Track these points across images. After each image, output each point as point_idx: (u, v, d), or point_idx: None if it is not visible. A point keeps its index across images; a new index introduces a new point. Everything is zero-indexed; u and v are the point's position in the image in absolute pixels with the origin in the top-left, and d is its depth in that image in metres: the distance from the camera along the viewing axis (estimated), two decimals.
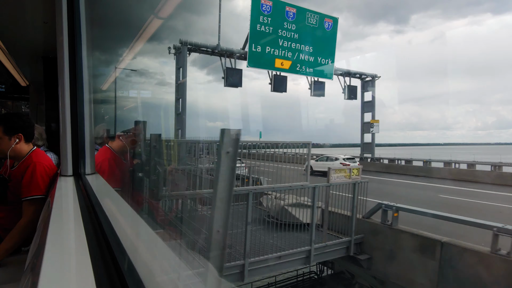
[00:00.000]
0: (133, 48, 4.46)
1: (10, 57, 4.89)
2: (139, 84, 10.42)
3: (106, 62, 5.30)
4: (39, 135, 2.96)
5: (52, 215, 0.98)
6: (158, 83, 18.20)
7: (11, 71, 5.94)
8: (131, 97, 8.45)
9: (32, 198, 2.00)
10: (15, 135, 2.07)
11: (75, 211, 1.02)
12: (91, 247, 0.68)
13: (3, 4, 2.85)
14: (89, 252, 0.65)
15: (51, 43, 3.62)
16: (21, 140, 2.10)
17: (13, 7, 2.89)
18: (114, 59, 5.81)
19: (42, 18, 3.03)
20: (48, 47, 3.88)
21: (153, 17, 3.30)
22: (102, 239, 0.81)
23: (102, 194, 1.30)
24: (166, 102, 15.83)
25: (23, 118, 2.20)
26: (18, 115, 2.29)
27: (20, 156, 2.12)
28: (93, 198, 1.24)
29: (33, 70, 5.39)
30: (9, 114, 2.61)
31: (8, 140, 2.05)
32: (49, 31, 3.24)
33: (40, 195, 2.02)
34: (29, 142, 2.18)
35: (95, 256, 0.64)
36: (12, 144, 2.06)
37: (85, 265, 0.59)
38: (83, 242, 0.71)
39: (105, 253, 0.73)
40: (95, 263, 0.60)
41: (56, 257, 0.67)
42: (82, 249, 0.67)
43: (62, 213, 1.08)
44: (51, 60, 4.19)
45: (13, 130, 2.07)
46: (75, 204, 1.13)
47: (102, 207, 1.04)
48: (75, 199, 1.23)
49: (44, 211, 1.82)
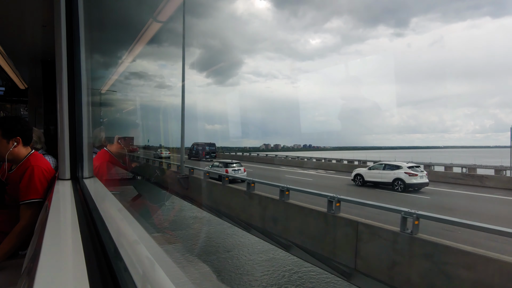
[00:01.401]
0: (132, 51, 4.47)
1: (9, 60, 4.90)
2: (138, 87, 10.43)
3: (105, 65, 5.30)
4: (37, 139, 2.95)
5: (49, 219, 0.98)
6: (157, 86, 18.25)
7: (10, 74, 5.95)
8: (131, 100, 8.46)
9: (29, 201, 1.99)
10: (13, 138, 2.07)
11: (72, 215, 1.02)
12: (87, 252, 0.68)
13: (2, 8, 2.86)
14: (85, 257, 0.65)
15: (49, 47, 3.63)
16: (19, 143, 2.09)
17: (12, 11, 2.90)
18: (113, 62, 5.82)
19: (41, 22, 3.04)
20: (46, 51, 3.89)
21: (152, 20, 3.31)
22: (98, 244, 0.81)
23: (100, 198, 1.30)
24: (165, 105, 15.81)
25: (21, 121, 2.19)
26: (17, 118, 2.29)
27: (18, 160, 2.12)
28: (90, 202, 1.24)
29: (32, 74, 5.40)
30: (8, 117, 2.61)
31: (6, 143, 2.05)
32: (47, 35, 3.25)
33: (38, 198, 2.01)
34: (27, 146, 2.18)
35: (91, 261, 0.64)
36: (10, 147, 2.05)
37: (80, 270, 0.59)
38: (79, 246, 0.71)
39: (100, 258, 0.72)
40: (90, 267, 0.60)
41: (51, 261, 0.66)
42: (77, 253, 0.67)
43: (59, 217, 1.08)
44: (50, 63, 4.20)
45: (11, 133, 2.07)
46: (72, 208, 1.13)
47: (99, 211, 1.04)
48: (72, 203, 1.23)
49: (41, 215, 1.81)
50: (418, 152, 48.58)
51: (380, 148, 64.57)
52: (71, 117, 1.79)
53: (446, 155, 29.11)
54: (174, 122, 17.21)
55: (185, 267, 1.29)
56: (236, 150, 41.13)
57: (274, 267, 10.12)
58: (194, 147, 31.75)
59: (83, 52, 1.82)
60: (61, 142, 1.79)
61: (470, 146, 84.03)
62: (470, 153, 40.17)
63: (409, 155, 25.81)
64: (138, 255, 0.66)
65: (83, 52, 1.82)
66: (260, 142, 59.26)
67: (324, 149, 49.44)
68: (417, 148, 75.29)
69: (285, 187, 8.68)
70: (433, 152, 53.60)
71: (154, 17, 3.22)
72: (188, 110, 17.00)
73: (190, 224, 13.22)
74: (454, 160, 20.70)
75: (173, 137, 16.58)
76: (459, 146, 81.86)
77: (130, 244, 0.71)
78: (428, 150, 69.91)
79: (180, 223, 12.09)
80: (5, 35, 3.56)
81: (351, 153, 33.37)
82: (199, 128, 30.49)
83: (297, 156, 29.80)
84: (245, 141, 34.26)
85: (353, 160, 23.66)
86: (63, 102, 1.76)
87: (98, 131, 3.19)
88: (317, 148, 54.51)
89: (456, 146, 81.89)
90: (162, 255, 0.72)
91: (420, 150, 67.74)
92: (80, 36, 1.81)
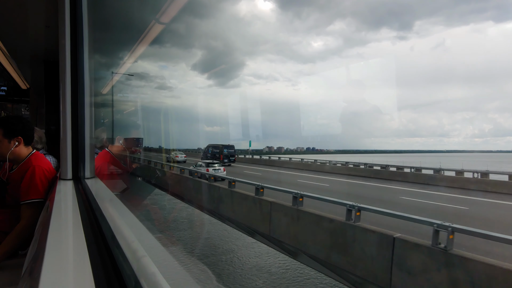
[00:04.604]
0: (135, 51, 4.48)
1: (12, 60, 4.91)
2: (140, 88, 10.48)
3: (108, 66, 5.32)
4: (38, 139, 2.96)
5: (51, 219, 0.97)
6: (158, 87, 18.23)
7: (12, 74, 5.96)
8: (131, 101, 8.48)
9: (30, 201, 1.99)
10: (15, 138, 2.07)
11: (75, 215, 1.02)
12: (91, 252, 0.68)
13: (6, 8, 2.87)
14: (89, 257, 0.64)
15: (52, 47, 3.64)
16: (21, 143, 2.09)
17: (16, 12, 2.91)
18: (115, 63, 5.83)
19: (44, 22, 3.06)
20: (49, 51, 3.90)
21: (154, 22, 3.32)
22: (102, 243, 0.81)
23: (102, 198, 1.29)
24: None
25: (23, 121, 2.20)
26: (18, 118, 2.29)
27: (19, 159, 2.12)
28: (93, 202, 1.23)
29: (34, 74, 5.41)
30: (9, 117, 2.61)
31: (8, 142, 2.05)
32: (50, 35, 3.26)
33: (39, 198, 2.01)
34: (29, 145, 2.18)
35: (95, 261, 0.64)
36: (11, 147, 2.05)
37: (85, 270, 0.59)
38: (83, 246, 0.71)
39: (105, 258, 0.72)
40: (95, 267, 0.60)
41: (55, 261, 0.66)
42: (81, 253, 0.67)
43: (61, 217, 1.08)
44: (52, 64, 4.21)
45: (13, 133, 2.07)
46: (75, 208, 1.13)
47: (102, 211, 1.04)
48: (74, 203, 1.23)
49: (43, 215, 1.81)
50: (426, 156, 48.31)
51: (380, 151, 64.55)
52: (74, 117, 1.80)
53: (456, 160, 28.51)
54: (186, 123, 17.23)
55: (188, 266, 1.29)
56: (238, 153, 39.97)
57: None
58: (209, 149, 27.76)
59: (87, 52, 1.83)
60: (63, 142, 1.79)
61: (470, 151, 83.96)
62: (475, 158, 39.90)
63: (412, 159, 25.25)
64: (143, 255, 0.66)
65: (86, 53, 1.83)
66: (262, 144, 59.05)
67: (328, 152, 49.26)
68: (417, 152, 75.32)
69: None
70: (440, 156, 53.36)
71: (157, 19, 3.23)
72: (196, 112, 16.99)
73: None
74: (467, 165, 19.86)
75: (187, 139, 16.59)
76: (459, 151, 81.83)
77: (134, 245, 0.71)
78: (428, 154, 69.87)
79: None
80: (9, 35, 3.57)
81: (355, 156, 33.08)
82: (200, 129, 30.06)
83: (314, 160, 26.19)
84: (247, 144, 34.10)
85: (382, 165, 21.33)
86: (66, 102, 1.77)
87: (100, 132, 3.20)
88: (320, 151, 54.36)
89: (457, 151, 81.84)
90: (166, 255, 0.72)
91: (420, 154, 67.67)
92: (84, 37, 1.82)
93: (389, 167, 21.06)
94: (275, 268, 1.40)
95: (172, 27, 16.75)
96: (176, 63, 60.92)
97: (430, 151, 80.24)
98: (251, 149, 35.93)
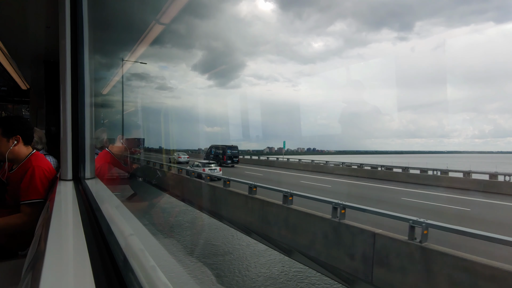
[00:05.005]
0: (135, 52, 4.48)
1: (12, 60, 4.92)
2: (140, 88, 10.51)
3: (108, 66, 5.32)
4: (38, 139, 2.95)
5: (52, 220, 0.97)
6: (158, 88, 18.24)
7: (12, 75, 5.96)
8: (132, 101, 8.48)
9: (30, 202, 1.98)
10: (13, 136, 2.06)
11: (75, 215, 1.02)
12: (91, 252, 0.68)
13: (6, 8, 2.87)
14: (89, 257, 0.64)
15: (52, 48, 3.64)
16: (20, 142, 2.09)
17: (16, 12, 2.92)
18: (115, 63, 5.83)
19: (44, 23, 3.06)
20: (49, 52, 3.90)
21: (154, 22, 3.32)
22: (102, 244, 0.81)
23: (102, 199, 1.29)
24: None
25: (22, 120, 2.20)
26: (18, 117, 2.29)
27: (19, 159, 2.11)
28: (93, 202, 1.23)
29: (34, 74, 5.42)
30: (9, 117, 2.61)
31: (6, 141, 2.04)
32: (51, 36, 3.26)
33: (39, 199, 2.00)
34: (28, 145, 2.17)
35: (95, 261, 0.64)
36: (10, 146, 2.05)
37: (85, 270, 0.59)
38: (83, 247, 0.71)
39: (105, 258, 0.72)
40: (95, 268, 0.60)
41: (56, 261, 0.66)
42: (82, 254, 0.67)
43: (62, 217, 1.08)
44: (53, 64, 4.21)
45: (12, 132, 2.06)
46: (75, 208, 1.13)
47: (102, 212, 1.04)
48: (74, 203, 1.23)
49: (43, 215, 1.81)
50: (426, 157, 48.10)
51: (380, 152, 64.46)
52: (74, 117, 1.79)
53: (456, 160, 27.92)
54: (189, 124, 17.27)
55: (189, 266, 1.28)
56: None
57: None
58: (212, 150, 26.91)
59: (87, 53, 1.83)
60: (63, 142, 1.79)
61: (470, 152, 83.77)
62: (475, 158, 39.64)
63: (414, 160, 24.78)
64: (144, 256, 0.66)
65: (86, 53, 1.83)
66: (262, 145, 58.94)
67: (328, 153, 49.14)
68: (417, 153, 75.22)
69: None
70: (440, 157, 53.12)
71: (157, 19, 3.23)
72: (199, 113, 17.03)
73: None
74: (469, 166, 18.47)
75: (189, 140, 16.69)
76: (460, 151, 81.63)
77: (135, 245, 0.71)
78: (429, 155, 69.73)
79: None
80: (9, 35, 3.58)
81: (356, 157, 32.81)
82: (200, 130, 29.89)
83: (325, 161, 24.93)
84: (247, 144, 33.91)
85: (392, 166, 20.57)
86: (67, 102, 1.76)
87: (100, 132, 3.19)
88: (321, 152, 54.32)
89: (457, 151, 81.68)
90: (166, 255, 0.72)
91: (421, 155, 67.51)
92: (84, 37, 1.82)
93: (392, 168, 20.50)
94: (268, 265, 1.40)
95: (172, 28, 16.76)
96: (176, 64, 61.00)
97: (430, 152, 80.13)
98: (251, 149, 35.15)
